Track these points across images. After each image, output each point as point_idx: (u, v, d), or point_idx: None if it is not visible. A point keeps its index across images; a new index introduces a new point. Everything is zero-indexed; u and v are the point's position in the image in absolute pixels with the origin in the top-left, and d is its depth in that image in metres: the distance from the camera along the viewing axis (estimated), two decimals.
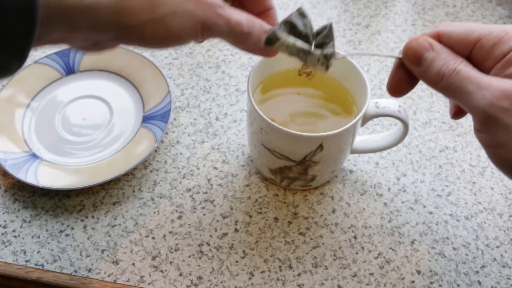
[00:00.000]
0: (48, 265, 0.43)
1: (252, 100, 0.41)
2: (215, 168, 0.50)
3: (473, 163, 0.51)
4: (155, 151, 0.51)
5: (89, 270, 0.43)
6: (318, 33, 0.35)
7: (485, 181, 0.50)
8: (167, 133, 0.52)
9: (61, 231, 0.45)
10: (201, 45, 0.61)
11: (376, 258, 0.44)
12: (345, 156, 0.46)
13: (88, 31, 0.29)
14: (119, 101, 0.54)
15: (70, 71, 0.56)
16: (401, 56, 0.33)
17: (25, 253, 0.44)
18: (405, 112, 0.43)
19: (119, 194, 0.48)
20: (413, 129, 0.54)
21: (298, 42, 0.34)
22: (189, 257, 0.44)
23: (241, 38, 0.34)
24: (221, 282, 0.42)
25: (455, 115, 0.36)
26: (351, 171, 0.50)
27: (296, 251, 0.44)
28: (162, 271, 0.43)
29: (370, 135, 0.49)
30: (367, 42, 0.63)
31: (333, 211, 0.47)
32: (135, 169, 0.49)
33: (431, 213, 0.47)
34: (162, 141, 0.51)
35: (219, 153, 0.51)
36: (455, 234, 0.46)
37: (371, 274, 0.43)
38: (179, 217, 0.46)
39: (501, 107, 0.28)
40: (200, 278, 0.42)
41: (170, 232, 0.45)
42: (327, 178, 0.48)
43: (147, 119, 0.52)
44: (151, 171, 0.49)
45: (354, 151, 0.47)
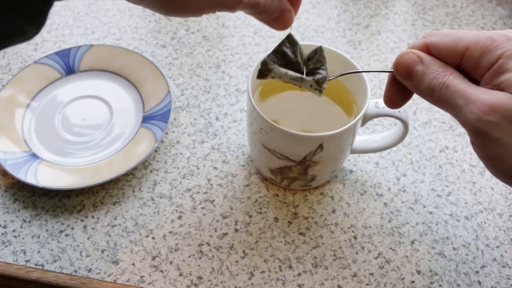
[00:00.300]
0: (48, 265, 0.43)
1: (252, 100, 0.41)
2: (215, 168, 0.50)
3: (473, 163, 0.51)
4: (155, 151, 0.51)
5: (89, 270, 0.43)
6: (309, 58, 0.37)
7: (485, 181, 0.50)
8: (167, 133, 0.52)
9: (61, 231, 0.45)
10: (201, 45, 0.61)
11: (376, 258, 0.44)
12: (345, 156, 0.46)
13: None
14: (119, 101, 0.54)
15: (70, 71, 0.56)
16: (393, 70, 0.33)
17: (25, 253, 0.44)
18: (405, 112, 0.43)
19: (119, 194, 0.48)
20: (413, 129, 0.54)
21: (289, 72, 0.36)
22: (189, 257, 0.44)
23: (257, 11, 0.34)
24: (221, 282, 0.42)
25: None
26: (351, 171, 0.50)
27: (296, 251, 0.44)
28: (162, 271, 0.43)
29: (370, 135, 0.49)
30: (367, 42, 0.63)
31: (333, 211, 0.47)
32: (135, 169, 0.49)
33: (431, 213, 0.47)
34: (162, 141, 0.51)
35: (219, 153, 0.51)
36: (455, 234, 0.46)
37: (371, 274, 0.43)
38: (179, 217, 0.46)
39: (488, 122, 0.28)
40: (200, 278, 0.42)
41: (170, 232, 0.45)
42: (327, 178, 0.48)
43: (147, 119, 0.52)
44: (151, 171, 0.49)
45: (354, 151, 0.47)
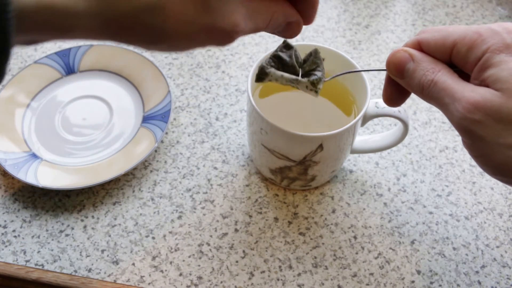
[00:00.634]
0: (48, 265, 0.43)
1: (252, 100, 0.41)
2: (215, 168, 0.50)
3: (473, 163, 0.51)
4: (155, 151, 0.51)
5: (89, 270, 0.43)
6: (305, 61, 0.38)
7: (485, 181, 0.50)
8: (167, 133, 0.52)
9: (61, 231, 0.45)
10: None
11: (376, 258, 0.44)
12: (345, 156, 0.46)
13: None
14: (119, 101, 0.54)
15: (70, 71, 0.56)
16: None
17: (25, 253, 0.44)
18: (405, 112, 0.43)
19: (119, 194, 0.48)
20: (413, 129, 0.54)
21: (285, 74, 0.37)
22: (189, 257, 0.44)
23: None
24: (221, 282, 0.42)
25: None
26: (351, 171, 0.50)
27: (296, 251, 0.44)
28: (162, 271, 0.43)
29: (370, 135, 0.49)
30: (367, 42, 0.63)
31: (333, 211, 0.47)
32: (135, 169, 0.49)
33: (431, 213, 0.47)
34: (162, 141, 0.51)
35: (219, 153, 0.51)
36: (455, 234, 0.46)
37: (371, 274, 0.43)
38: (179, 217, 0.46)
39: (473, 120, 0.28)
40: (200, 278, 0.42)
41: (170, 232, 0.45)
42: (327, 178, 0.48)
43: (147, 119, 0.52)
44: (151, 171, 0.49)
45: (354, 151, 0.47)
